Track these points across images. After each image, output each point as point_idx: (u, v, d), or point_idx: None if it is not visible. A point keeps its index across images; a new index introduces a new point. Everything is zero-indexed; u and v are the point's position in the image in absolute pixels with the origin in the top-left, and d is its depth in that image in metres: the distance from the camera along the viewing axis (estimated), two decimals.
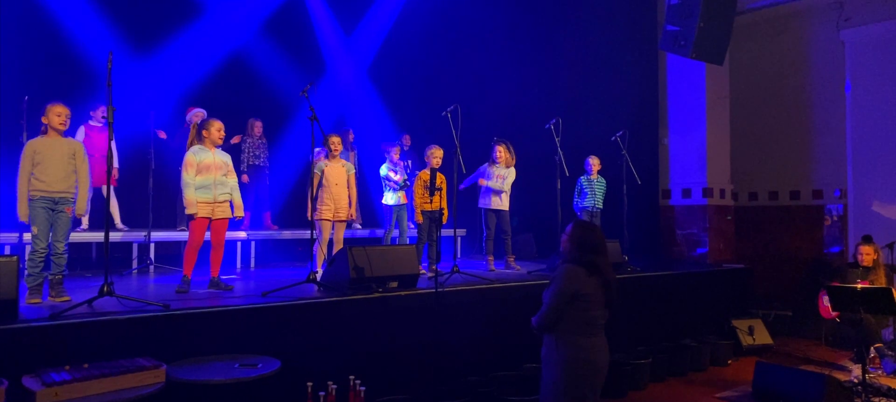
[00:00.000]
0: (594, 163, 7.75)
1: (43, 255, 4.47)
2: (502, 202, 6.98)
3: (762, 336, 7.23)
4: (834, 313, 6.17)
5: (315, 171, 6.08)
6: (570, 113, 7.69)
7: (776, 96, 9.62)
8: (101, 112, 6.77)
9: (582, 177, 7.81)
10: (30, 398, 2.94)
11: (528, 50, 9.99)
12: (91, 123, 6.87)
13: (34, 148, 4.49)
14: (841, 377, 5.59)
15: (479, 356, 5.24)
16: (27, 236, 5.82)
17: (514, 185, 7.08)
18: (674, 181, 9.28)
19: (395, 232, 7.23)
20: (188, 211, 5.11)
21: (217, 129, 5.24)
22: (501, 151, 6.98)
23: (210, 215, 5.14)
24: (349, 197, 6.29)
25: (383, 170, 7.12)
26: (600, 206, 7.78)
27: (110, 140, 4.32)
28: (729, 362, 6.70)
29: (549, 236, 7.97)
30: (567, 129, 7.16)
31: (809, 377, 5.07)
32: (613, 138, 7.67)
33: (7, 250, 6.05)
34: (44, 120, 4.56)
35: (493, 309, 5.45)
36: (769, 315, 8.08)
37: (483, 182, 6.99)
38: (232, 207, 5.30)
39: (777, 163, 9.62)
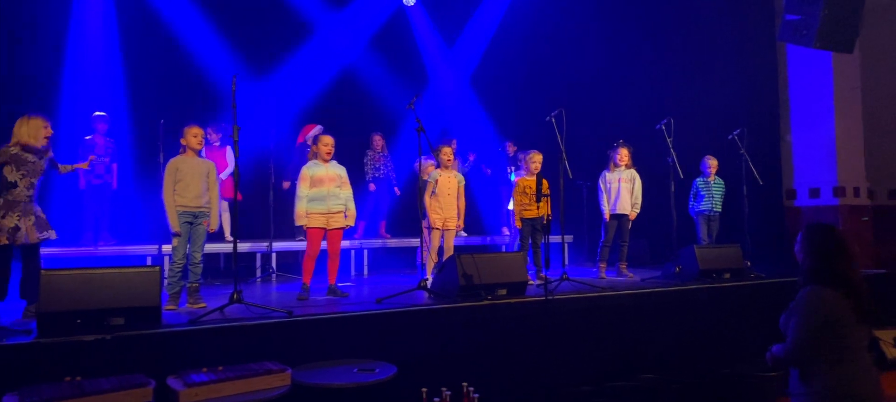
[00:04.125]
0: (712, 164, 7.37)
1: (181, 265, 4.85)
2: (625, 207, 6.80)
3: None
4: None
5: (429, 180, 6.21)
6: (681, 112, 7.34)
7: None
8: (216, 134, 7.28)
9: (698, 179, 7.45)
10: (174, 397, 3.21)
11: (633, 49, 9.68)
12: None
13: (176, 166, 4.90)
14: None
15: (592, 365, 5.11)
16: (166, 248, 6.39)
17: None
18: (799, 181, 8.63)
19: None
20: (296, 223, 5.39)
21: (324, 144, 5.50)
22: (624, 154, 6.82)
23: (325, 226, 5.38)
24: (458, 208, 6.36)
25: (513, 178, 7.20)
26: (719, 209, 7.38)
27: (236, 157, 4.63)
28: None
29: (663, 241, 7.67)
30: (679, 129, 6.87)
31: None
32: (730, 137, 7.26)
33: (148, 261, 6.62)
34: (182, 141, 4.98)
35: (606, 318, 5.30)
36: None
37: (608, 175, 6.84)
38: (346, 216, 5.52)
39: None
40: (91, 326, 3.70)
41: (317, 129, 7.72)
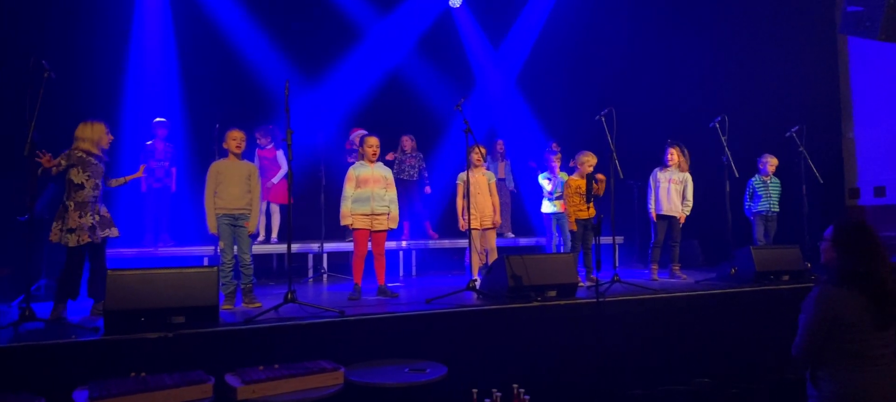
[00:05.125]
0: (771, 162, 7.15)
1: (230, 265, 4.98)
2: (674, 208, 6.67)
3: None
4: None
5: (458, 183, 6.21)
6: (735, 110, 7.14)
7: None
8: (264, 138, 7.45)
9: (754, 178, 7.23)
10: (232, 394, 3.30)
11: (684, 46, 9.47)
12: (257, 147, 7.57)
13: (217, 169, 5.03)
14: None
15: (644, 368, 5.02)
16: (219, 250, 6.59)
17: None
18: (863, 179, 8.28)
19: (559, 240, 7.18)
20: (342, 223, 5.47)
21: (369, 145, 5.56)
22: (673, 154, 6.69)
23: (369, 227, 5.44)
24: (492, 204, 6.33)
25: (540, 179, 7.14)
26: (776, 209, 7.15)
27: (289, 160, 4.73)
28: None
29: (717, 242, 7.47)
30: (733, 127, 6.69)
31: None
32: (787, 135, 7.02)
33: (205, 262, 6.84)
34: (224, 145, 5.11)
35: (658, 320, 5.20)
36: None
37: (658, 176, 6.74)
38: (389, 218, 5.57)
39: None
40: (154, 324, 3.85)
41: (361, 131, 7.83)
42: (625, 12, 9.70)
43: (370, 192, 5.45)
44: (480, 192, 6.24)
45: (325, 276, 7.19)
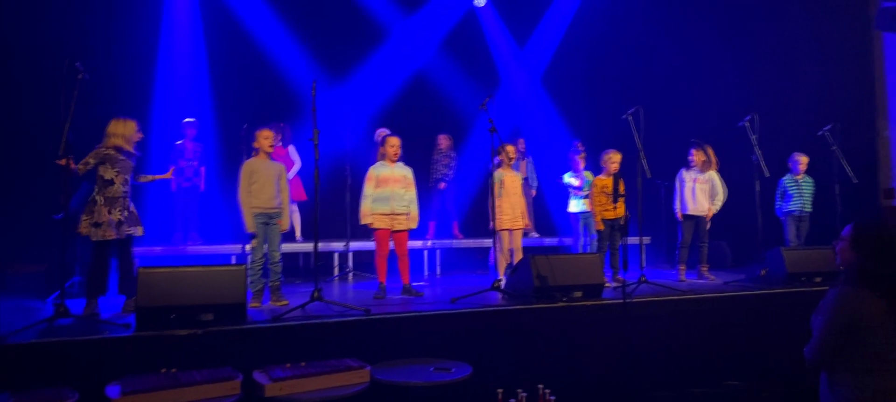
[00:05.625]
0: (802, 160, 7.02)
1: (260, 263, 5.04)
2: (700, 208, 6.57)
3: None
4: None
5: (494, 181, 6.19)
6: (765, 108, 7.01)
7: None
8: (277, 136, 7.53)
9: (785, 177, 7.09)
10: (260, 391, 3.34)
11: (712, 43, 9.32)
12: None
13: (250, 168, 5.09)
14: None
15: (672, 370, 4.95)
16: (248, 248, 6.66)
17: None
18: None
19: (586, 240, 7.13)
20: (361, 221, 5.49)
21: (390, 145, 5.58)
22: (697, 154, 6.60)
23: (389, 227, 5.45)
24: (522, 205, 6.29)
25: (566, 177, 7.09)
26: (809, 209, 7.01)
27: (316, 159, 4.76)
28: None
29: (746, 242, 7.34)
30: (763, 126, 6.56)
31: None
32: (820, 133, 6.88)
33: (233, 260, 6.93)
34: (255, 144, 5.17)
35: (687, 322, 5.13)
36: None
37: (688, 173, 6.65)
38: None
39: None
40: (183, 321, 3.91)
41: (382, 130, 7.86)
42: (652, 10, 9.59)
43: (390, 191, 5.46)
44: (516, 192, 6.21)
45: (350, 274, 7.24)
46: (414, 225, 5.62)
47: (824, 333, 2.63)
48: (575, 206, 7.09)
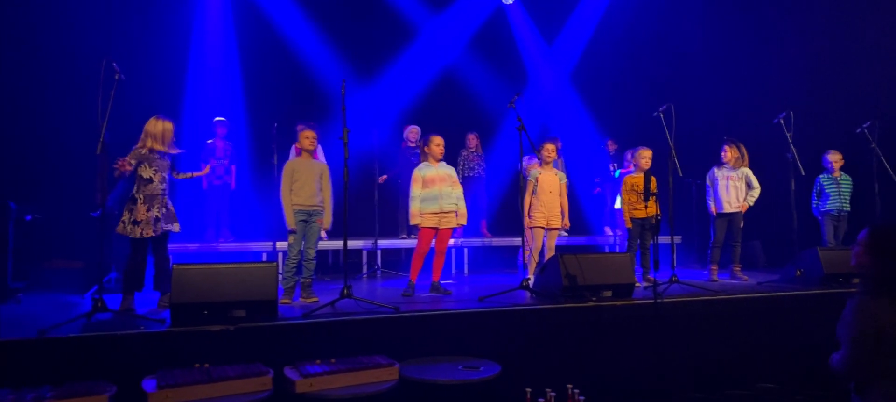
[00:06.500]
0: (834, 159, 6.85)
1: (296, 260, 5.10)
2: (734, 204, 6.46)
3: None
4: None
5: (530, 179, 6.16)
6: (801, 105, 6.85)
7: None
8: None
9: (821, 176, 6.93)
10: (290, 387, 3.38)
11: (746, 40, 9.14)
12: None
13: (292, 167, 5.16)
14: None
15: (704, 372, 4.87)
16: (280, 245, 6.74)
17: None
18: None
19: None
20: (411, 222, 5.53)
21: (436, 144, 5.60)
22: (729, 151, 6.49)
23: (437, 225, 5.49)
24: (562, 207, 6.25)
25: (618, 175, 7.05)
26: (847, 208, 6.83)
27: (346, 158, 4.79)
28: None
29: (780, 243, 7.19)
30: (799, 123, 6.42)
31: None
32: (859, 131, 6.70)
33: (264, 257, 7.02)
34: (297, 145, 5.23)
35: (719, 323, 5.04)
36: None
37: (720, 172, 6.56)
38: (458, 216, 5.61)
39: None
40: (216, 317, 3.97)
41: (413, 127, 7.90)
42: (683, 5, 9.44)
43: (438, 190, 5.50)
44: (551, 191, 6.17)
45: (378, 272, 7.28)
46: (463, 222, 5.68)
47: (852, 348, 2.54)
48: (620, 202, 7.02)
